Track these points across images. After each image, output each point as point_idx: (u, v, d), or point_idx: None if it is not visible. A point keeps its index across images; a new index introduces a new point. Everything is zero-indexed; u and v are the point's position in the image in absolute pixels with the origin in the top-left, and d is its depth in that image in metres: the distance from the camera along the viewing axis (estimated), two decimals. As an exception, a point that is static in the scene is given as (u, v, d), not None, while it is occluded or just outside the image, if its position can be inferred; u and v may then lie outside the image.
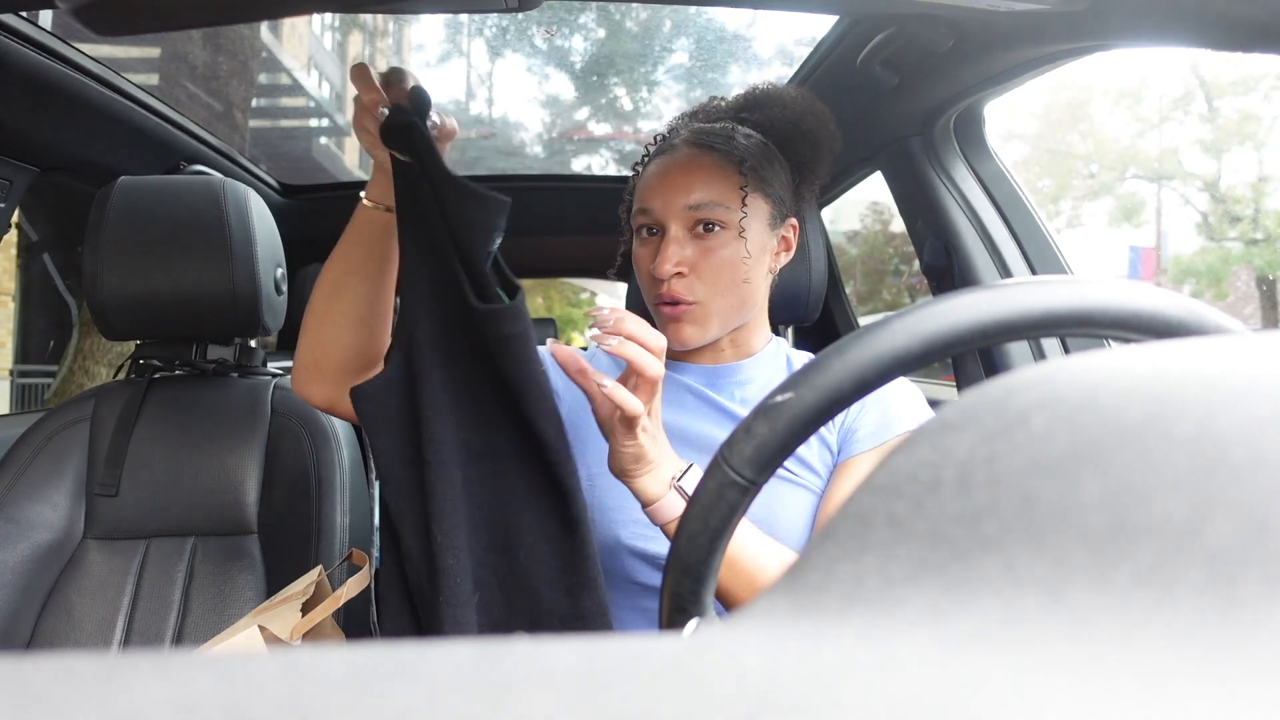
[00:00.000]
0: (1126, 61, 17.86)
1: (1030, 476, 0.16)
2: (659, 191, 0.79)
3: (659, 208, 0.78)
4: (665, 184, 0.78)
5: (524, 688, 0.11)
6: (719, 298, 0.78)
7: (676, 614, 0.37)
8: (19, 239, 5.16)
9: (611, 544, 0.78)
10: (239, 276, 0.98)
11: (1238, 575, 0.12)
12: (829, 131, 0.84)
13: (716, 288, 0.77)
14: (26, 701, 0.10)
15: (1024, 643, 0.13)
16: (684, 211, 0.77)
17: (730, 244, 0.77)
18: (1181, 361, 0.17)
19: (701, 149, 0.79)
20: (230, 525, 0.99)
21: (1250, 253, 10.91)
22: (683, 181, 0.77)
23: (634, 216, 0.82)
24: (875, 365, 0.35)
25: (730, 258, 0.77)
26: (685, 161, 0.79)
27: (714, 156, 0.78)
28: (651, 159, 0.83)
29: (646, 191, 0.80)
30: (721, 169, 0.78)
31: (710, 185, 0.77)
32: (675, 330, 0.79)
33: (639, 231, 0.82)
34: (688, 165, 0.78)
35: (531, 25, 4.49)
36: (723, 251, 0.77)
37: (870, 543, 0.17)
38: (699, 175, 0.77)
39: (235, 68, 3.88)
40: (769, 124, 0.83)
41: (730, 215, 0.77)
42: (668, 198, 0.78)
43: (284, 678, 0.11)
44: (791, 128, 0.82)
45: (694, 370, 0.84)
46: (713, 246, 0.77)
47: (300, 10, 0.66)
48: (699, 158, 0.78)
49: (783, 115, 0.82)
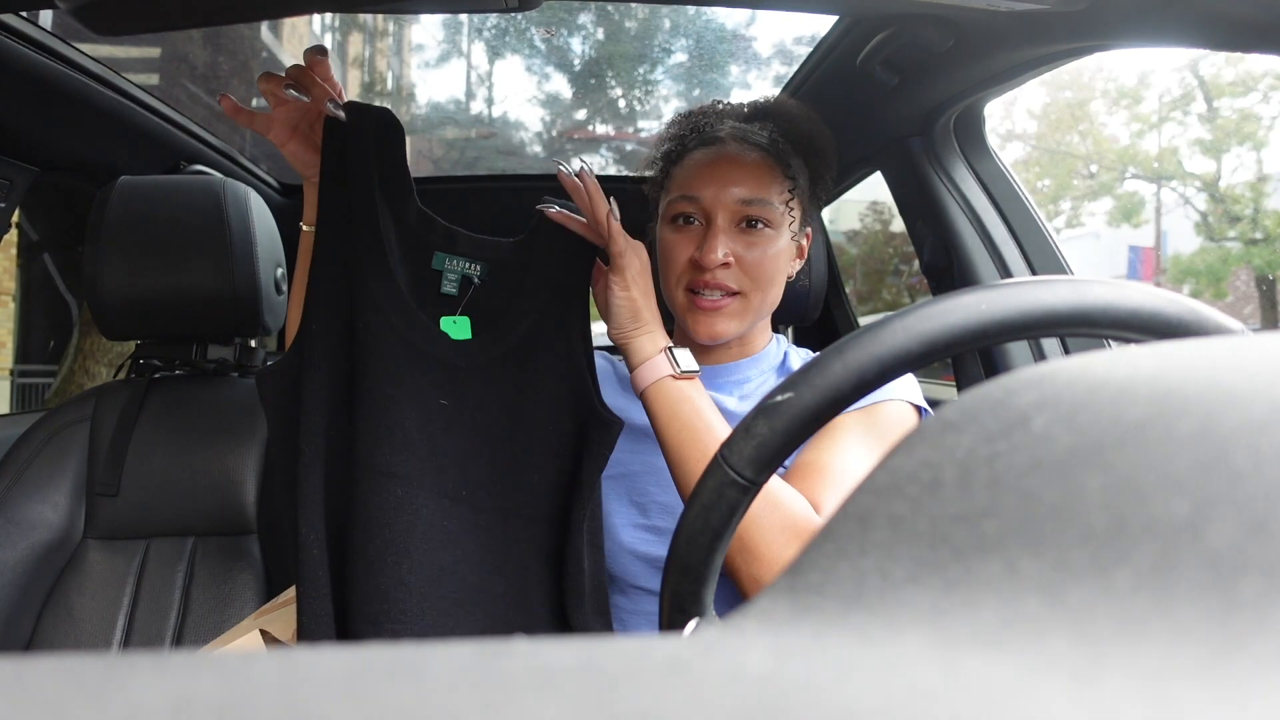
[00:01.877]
0: (1126, 61, 17.84)
1: (1030, 476, 0.16)
2: (710, 181, 0.78)
3: (709, 197, 0.78)
4: (716, 174, 0.78)
5: (524, 688, 0.11)
6: (758, 292, 0.79)
7: (676, 614, 0.37)
8: (19, 239, 5.16)
9: (613, 547, 0.78)
10: (239, 276, 0.98)
11: (1238, 575, 0.12)
12: (833, 148, 0.86)
13: (758, 283, 0.78)
14: (26, 701, 0.10)
15: (1024, 643, 0.13)
16: (735, 204, 0.77)
17: (773, 242, 0.78)
18: (1182, 361, 0.17)
19: (750, 146, 0.80)
20: (230, 525, 0.99)
21: (1250, 253, 10.90)
22: (735, 174, 0.78)
23: (672, 204, 0.81)
24: (875, 365, 0.35)
25: (773, 255, 0.78)
26: (736, 155, 0.79)
27: (761, 155, 0.79)
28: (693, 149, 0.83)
29: (694, 180, 0.79)
30: (770, 168, 0.79)
31: (760, 182, 0.78)
32: (711, 322, 0.78)
33: (674, 220, 0.80)
34: (739, 159, 0.79)
35: (531, 25, 4.48)
36: (767, 248, 0.78)
37: (870, 543, 0.17)
38: (750, 170, 0.78)
39: (235, 68, 3.88)
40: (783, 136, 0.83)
41: (775, 214, 0.78)
42: (721, 188, 0.78)
43: (284, 678, 0.11)
44: (807, 142, 0.83)
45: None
46: (756, 241, 0.78)
47: (300, 10, 0.66)
48: (749, 153, 0.79)
49: (795, 129, 0.83)
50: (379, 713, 0.10)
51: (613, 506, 0.79)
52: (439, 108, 7.87)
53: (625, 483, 0.80)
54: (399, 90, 9.45)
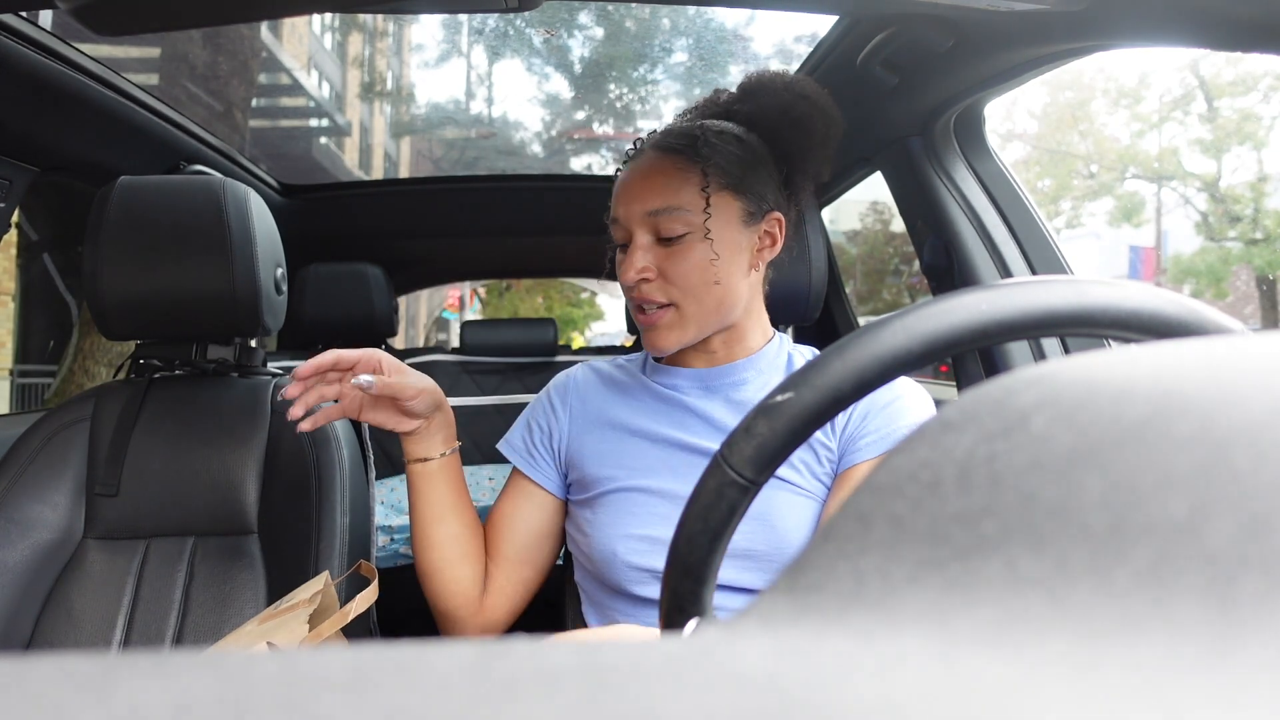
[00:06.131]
0: (1126, 61, 17.83)
1: (1030, 476, 0.16)
2: (622, 199, 0.78)
3: (622, 216, 0.78)
4: (627, 191, 0.78)
5: (524, 688, 0.11)
6: (691, 301, 0.77)
7: (676, 614, 0.37)
8: (19, 239, 5.16)
9: (608, 557, 0.77)
10: (239, 276, 0.98)
11: (1238, 575, 0.12)
12: (826, 117, 0.80)
13: (687, 291, 0.76)
14: (26, 701, 0.10)
15: (1024, 643, 0.13)
16: (645, 218, 0.76)
17: (695, 246, 0.76)
18: (1181, 361, 0.17)
19: (663, 152, 0.78)
20: (230, 525, 0.99)
21: (1250, 253, 10.90)
22: (642, 187, 0.77)
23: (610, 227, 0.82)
24: (875, 365, 0.35)
25: (697, 260, 0.76)
26: (645, 167, 0.78)
27: (675, 159, 0.77)
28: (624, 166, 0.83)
29: (614, 200, 0.80)
30: (682, 171, 0.76)
31: (669, 189, 0.76)
32: (652, 337, 0.79)
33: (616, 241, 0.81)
34: (647, 171, 0.77)
35: (531, 25, 4.48)
36: (688, 254, 0.76)
37: (870, 543, 0.17)
38: (658, 180, 0.76)
39: (235, 68, 3.88)
40: (759, 114, 0.81)
41: (693, 218, 0.75)
42: (629, 205, 0.77)
43: (284, 678, 0.11)
44: (780, 116, 0.80)
45: (687, 374, 0.83)
46: (677, 250, 0.76)
47: (300, 10, 0.66)
48: (659, 162, 0.77)
49: (773, 104, 0.80)
50: (379, 713, 0.10)
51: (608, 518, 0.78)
52: (439, 108, 7.87)
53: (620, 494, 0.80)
54: (399, 90, 9.45)
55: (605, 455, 0.81)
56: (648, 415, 0.82)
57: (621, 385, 0.86)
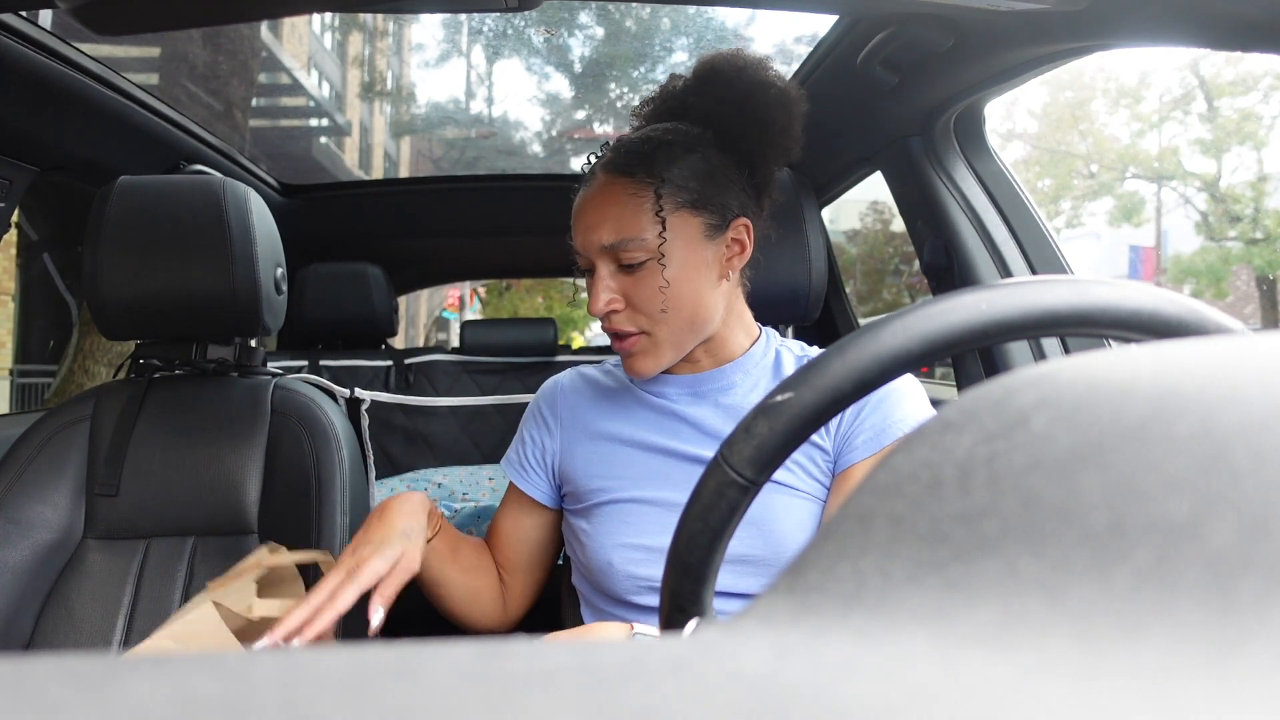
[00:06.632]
0: (1126, 61, 17.83)
1: (1031, 476, 0.16)
2: (579, 229, 0.77)
3: (582, 246, 0.76)
4: (582, 222, 0.76)
5: (524, 688, 0.11)
6: (661, 325, 0.75)
7: (676, 614, 0.37)
8: (19, 239, 5.16)
9: (604, 567, 0.77)
10: (239, 276, 0.98)
11: (1238, 575, 0.12)
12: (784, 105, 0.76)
13: (654, 318, 0.75)
14: (26, 701, 0.10)
15: (1024, 643, 0.13)
16: (602, 251, 0.75)
17: (655, 273, 0.74)
18: (1182, 361, 0.17)
19: (615, 174, 0.75)
20: (230, 525, 0.99)
21: (1250, 253, 10.91)
22: (596, 218, 0.75)
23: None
24: (875, 365, 0.35)
25: (663, 287, 0.74)
26: (598, 196, 0.75)
27: (626, 183, 0.74)
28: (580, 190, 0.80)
29: (574, 229, 0.78)
30: (635, 196, 0.73)
31: (623, 220, 0.73)
32: (630, 364, 0.78)
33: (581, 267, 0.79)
34: (600, 200, 0.75)
35: (531, 25, 4.48)
36: (651, 280, 0.74)
37: (870, 543, 0.17)
38: (611, 211, 0.74)
39: (235, 68, 3.88)
40: (714, 110, 0.77)
41: (651, 243, 0.73)
42: (586, 235, 0.75)
43: (284, 678, 0.11)
44: (736, 115, 0.75)
45: (675, 381, 0.82)
46: (640, 277, 0.74)
47: (300, 10, 0.66)
48: (611, 188, 0.75)
49: (728, 97, 0.76)
50: (379, 713, 0.10)
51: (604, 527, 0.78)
52: (439, 107, 7.88)
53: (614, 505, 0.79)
54: (399, 90, 9.46)
55: (597, 467, 0.81)
56: (638, 424, 0.82)
57: (610, 393, 0.86)
